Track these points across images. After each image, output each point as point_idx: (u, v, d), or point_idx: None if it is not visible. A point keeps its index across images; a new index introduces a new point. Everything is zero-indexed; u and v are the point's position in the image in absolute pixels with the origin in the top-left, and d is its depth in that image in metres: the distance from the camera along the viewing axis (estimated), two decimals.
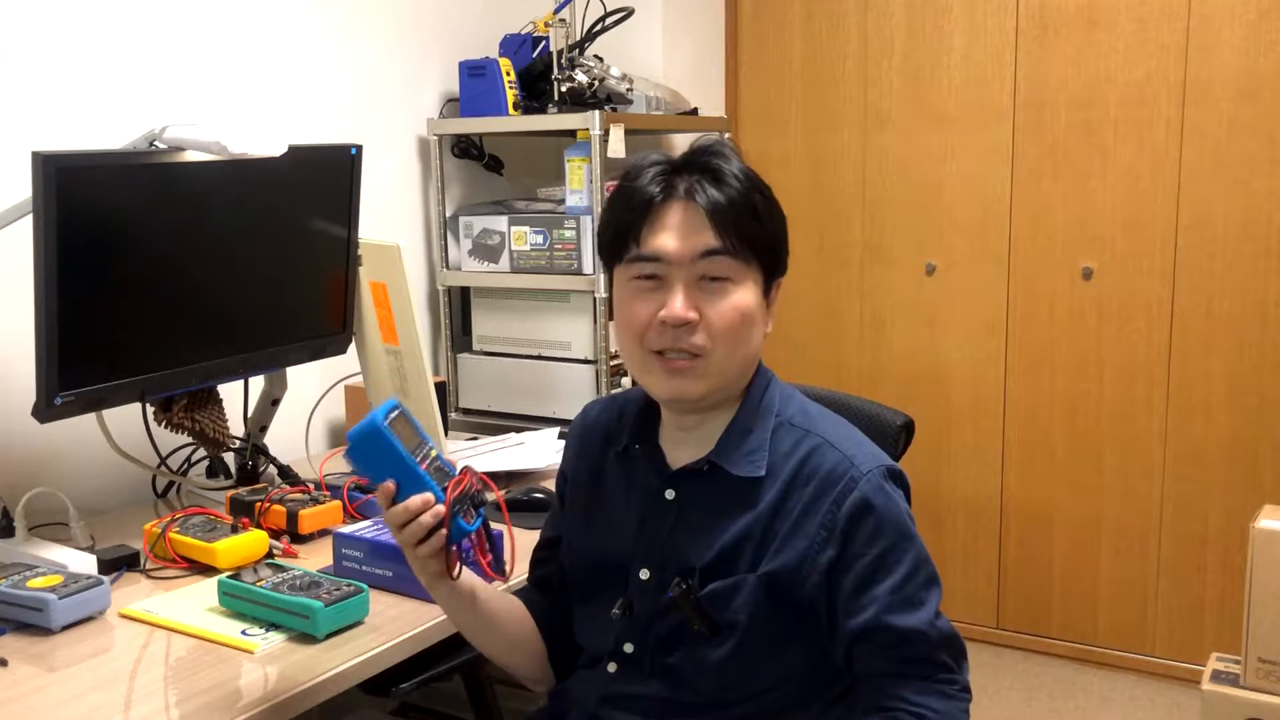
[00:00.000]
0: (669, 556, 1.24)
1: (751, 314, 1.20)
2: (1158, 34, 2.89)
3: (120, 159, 1.66)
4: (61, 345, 1.55)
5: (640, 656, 1.26)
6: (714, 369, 1.20)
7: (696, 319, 1.18)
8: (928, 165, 3.22)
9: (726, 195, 1.19)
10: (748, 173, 1.23)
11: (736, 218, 1.18)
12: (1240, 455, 2.93)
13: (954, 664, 1.19)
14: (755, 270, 1.21)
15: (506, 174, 2.91)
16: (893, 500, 1.20)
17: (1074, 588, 3.19)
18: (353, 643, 1.38)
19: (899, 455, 1.56)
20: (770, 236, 1.22)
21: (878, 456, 1.23)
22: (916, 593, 1.19)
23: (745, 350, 1.22)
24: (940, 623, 1.19)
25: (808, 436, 1.23)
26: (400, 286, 1.89)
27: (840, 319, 3.41)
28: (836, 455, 1.21)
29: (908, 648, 1.17)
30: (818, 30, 3.34)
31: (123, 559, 1.63)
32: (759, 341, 1.24)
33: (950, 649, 1.19)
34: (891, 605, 1.17)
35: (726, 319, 1.18)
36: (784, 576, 1.19)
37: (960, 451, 3.29)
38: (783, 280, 1.26)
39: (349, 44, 2.51)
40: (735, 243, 1.18)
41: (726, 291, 1.19)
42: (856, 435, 1.26)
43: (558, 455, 2.17)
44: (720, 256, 1.18)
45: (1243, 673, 2.22)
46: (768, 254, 1.22)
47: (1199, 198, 2.90)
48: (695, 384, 1.20)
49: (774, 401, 1.26)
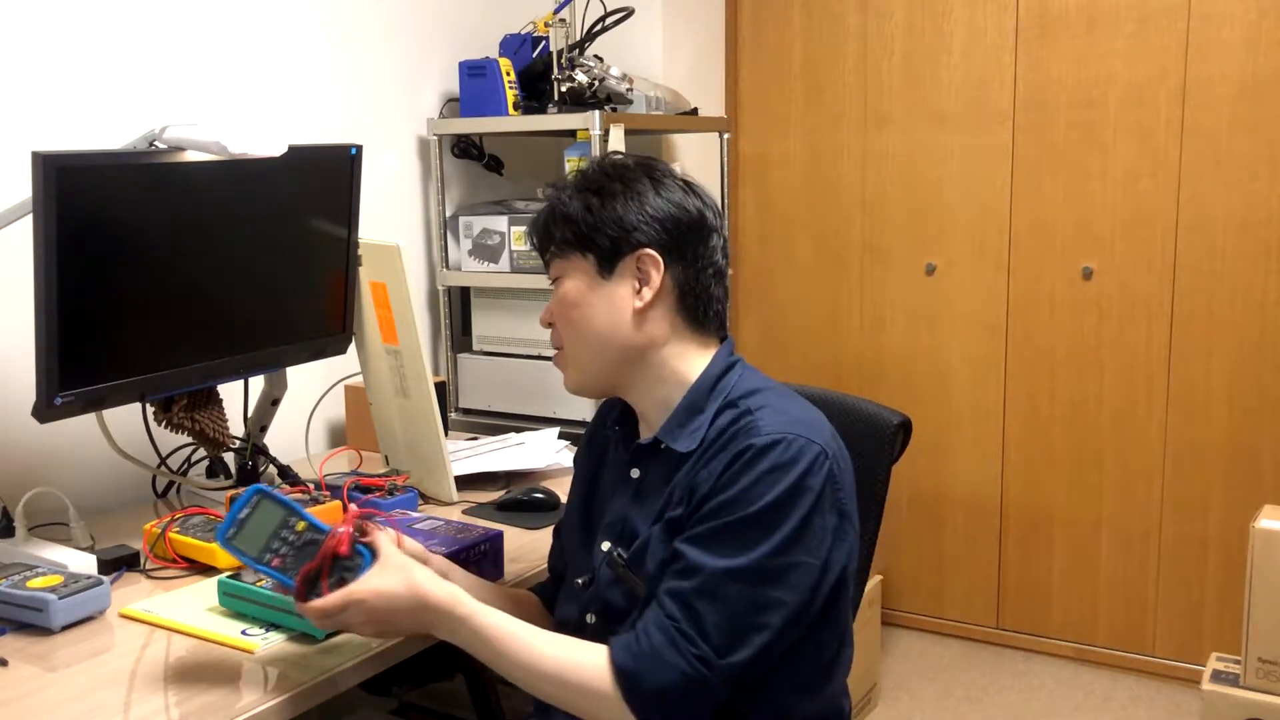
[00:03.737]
0: (627, 529, 1.30)
1: (576, 297, 1.31)
2: (1158, 34, 2.90)
3: (120, 159, 1.65)
4: (61, 345, 1.55)
5: (601, 626, 1.31)
6: (571, 358, 1.35)
7: (549, 319, 1.36)
8: (928, 165, 3.22)
9: (540, 217, 1.35)
10: (576, 180, 1.33)
11: (544, 228, 1.34)
12: (1240, 455, 2.93)
13: (711, 631, 1.15)
14: (579, 259, 1.31)
15: (506, 174, 2.91)
16: (781, 468, 1.18)
17: (1074, 588, 3.19)
18: (353, 643, 1.38)
19: (896, 455, 1.56)
20: (579, 224, 1.30)
21: (799, 430, 1.21)
22: (720, 538, 1.18)
23: (591, 331, 1.31)
24: (729, 591, 1.16)
25: (744, 412, 1.25)
26: (400, 286, 1.89)
27: (840, 319, 3.41)
28: (752, 420, 1.23)
29: (680, 578, 1.18)
30: (818, 30, 3.34)
31: (123, 559, 1.63)
32: (614, 318, 1.30)
33: (724, 618, 1.15)
34: (698, 537, 1.19)
35: (558, 310, 1.34)
36: (678, 522, 1.23)
37: (960, 451, 3.29)
38: (645, 252, 1.28)
39: (349, 44, 2.51)
40: (549, 246, 1.34)
41: (559, 287, 1.34)
42: (799, 414, 1.25)
43: (558, 455, 2.18)
44: (549, 266, 1.35)
45: (1243, 673, 2.22)
46: (583, 240, 1.30)
47: (1199, 198, 2.90)
48: (566, 374, 1.37)
49: (728, 385, 1.30)
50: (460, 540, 1.58)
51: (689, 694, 1.16)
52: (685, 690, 1.15)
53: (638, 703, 1.16)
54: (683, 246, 1.30)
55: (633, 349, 1.31)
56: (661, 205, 1.29)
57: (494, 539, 1.61)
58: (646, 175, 1.31)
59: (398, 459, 2.07)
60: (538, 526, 1.83)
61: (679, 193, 1.31)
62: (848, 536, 1.24)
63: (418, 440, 1.97)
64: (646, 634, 1.17)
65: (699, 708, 1.18)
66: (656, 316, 1.30)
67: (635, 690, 1.16)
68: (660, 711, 1.16)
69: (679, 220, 1.30)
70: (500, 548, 1.62)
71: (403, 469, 2.01)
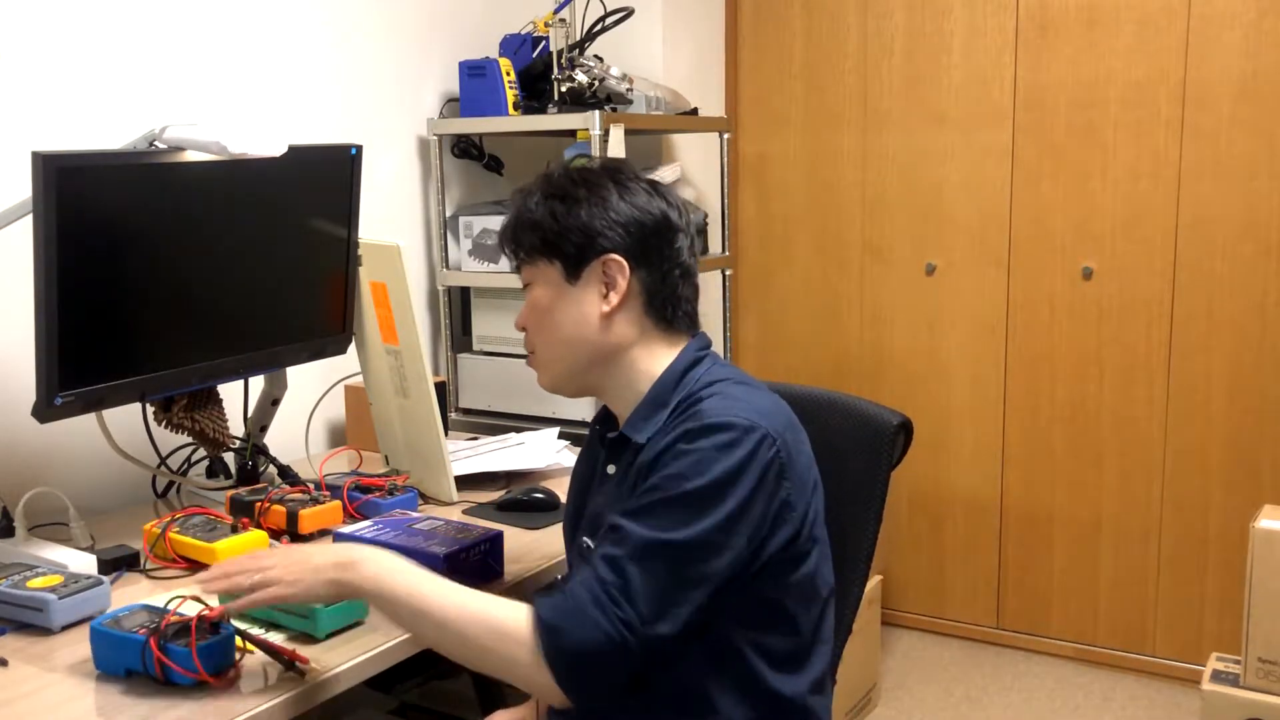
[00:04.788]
0: (600, 523, 1.30)
1: (546, 303, 1.33)
2: (1158, 34, 2.90)
3: (120, 159, 1.65)
4: (61, 345, 1.55)
5: None
6: (543, 361, 1.37)
7: (522, 324, 1.38)
8: (928, 165, 3.23)
9: (507, 223, 1.36)
10: (542, 185, 1.34)
11: (513, 235, 1.35)
12: (1240, 455, 2.93)
13: (637, 597, 1.15)
14: (546, 265, 1.33)
15: (506, 174, 2.91)
16: (724, 448, 1.19)
17: (1074, 588, 3.19)
18: (353, 643, 1.38)
19: (899, 457, 1.55)
20: (545, 231, 1.31)
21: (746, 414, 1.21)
22: (655, 511, 1.18)
23: (558, 335, 1.33)
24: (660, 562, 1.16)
25: (695, 401, 1.26)
26: (400, 286, 1.89)
27: (840, 319, 3.41)
28: (700, 407, 1.24)
29: (614, 545, 1.18)
30: (818, 30, 3.34)
31: (123, 559, 1.63)
32: (582, 323, 1.31)
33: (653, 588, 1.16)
34: (637, 509, 1.19)
35: (530, 316, 1.36)
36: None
37: (960, 451, 3.29)
38: (610, 257, 1.29)
39: (349, 44, 2.51)
40: (518, 253, 1.36)
41: (530, 293, 1.36)
42: (752, 400, 1.26)
43: (558, 455, 2.18)
44: (520, 270, 1.37)
45: (1243, 673, 2.22)
46: (549, 247, 1.32)
47: (1199, 198, 2.90)
48: (540, 377, 1.39)
49: (693, 379, 1.31)
50: (460, 540, 1.58)
51: (608, 656, 1.15)
52: (605, 651, 1.14)
53: (557, 658, 1.15)
54: (648, 249, 1.31)
55: (601, 351, 1.33)
56: (625, 209, 1.30)
57: (494, 539, 1.61)
58: (610, 179, 1.32)
59: (398, 459, 2.07)
60: (538, 526, 1.83)
61: (643, 195, 1.32)
62: (788, 522, 1.23)
63: (418, 440, 1.97)
64: (573, 593, 1.17)
65: (614, 673, 1.17)
66: (624, 319, 1.32)
67: (555, 646, 1.15)
68: (577, 672, 1.15)
69: (643, 224, 1.31)
70: (500, 548, 1.62)
71: (403, 469, 2.01)
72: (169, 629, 1.25)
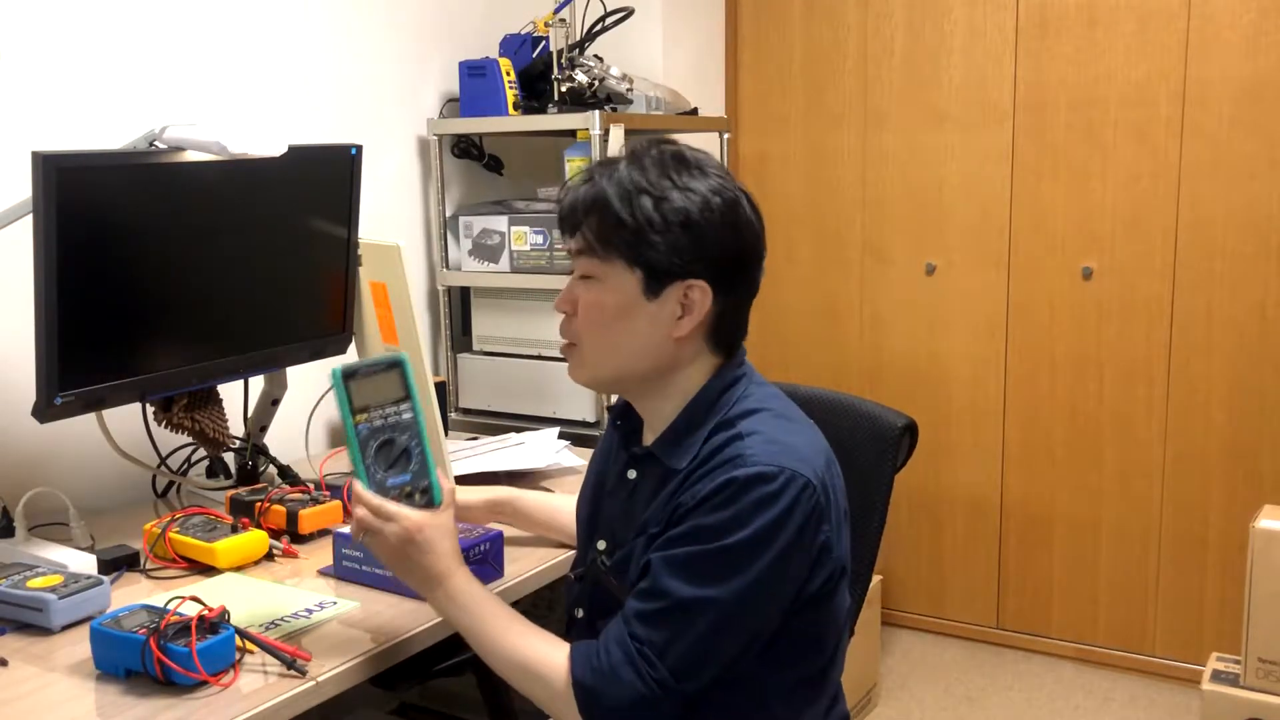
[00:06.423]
0: (619, 529, 1.31)
1: (613, 310, 1.24)
2: (1158, 34, 2.90)
3: (120, 159, 1.65)
4: (61, 345, 1.55)
5: (587, 622, 1.34)
6: (586, 359, 1.29)
7: (569, 311, 1.29)
8: (927, 165, 3.22)
9: (585, 200, 1.24)
10: (635, 173, 1.23)
11: (598, 227, 1.23)
12: (1240, 455, 2.93)
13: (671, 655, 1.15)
14: (624, 269, 1.23)
15: (506, 174, 2.91)
16: (764, 503, 1.15)
17: (1074, 588, 3.19)
18: (353, 643, 1.38)
19: (904, 459, 1.54)
20: (639, 240, 1.21)
21: (788, 462, 1.18)
22: (693, 565, 1.16)
23: (617, 343, 1.26)
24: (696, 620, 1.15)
25: (735, 436, 1.22)
26: (400, 286, 1.88)
27: (840, 319, 3.41)
28: (742, 446, 1.20)
29: (648, 599, 1.18)
30: (818, 30, 3.34)
31: (123, 559, 1.63)
32: (648, 340, 1.25)
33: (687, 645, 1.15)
34: (673, 560, 1.17)
35: (586, 314, 1.26)
36: (658, 538, 1.22)
37: (960, 451, 3.29)
38: (698, 283, 1.22)
39: (349, 44, 2.51)
40: (592, 244, 1.24)
41: (591, 288, 1.26)
42: (792, 440, 1.22)
43: (558, 455, 2.18)
44: (582, 257, 1.26)
45: (1243, 673, 2.22)
46: (635, 255, 1.22)
47: (1199, 198, 2.90)
48: (575, 371, 1.32)
49: (728, 402, 1.26)
50: (460, 540, 1.57)
51: (643, 713, 1.17)
52: (639, 709, 1.16)
53: (592, 716, 1.18)
54: (735, 281, 1.26)
55: (657, 368, 1.27)
56: (729, 240, 1.23)
57: (494, 539, 1.61)
58: (719, 196, 1.22)
59: None
60: None
61: (745, 214, 1.24)
62: (826, 565, 1.22)
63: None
64: (607, 650, 1.18)
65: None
66: (688, 340, 1.26)
67: (591, 705, 1.18)
68: None
69: (740, 258, 1.25)
70: (500, 548, 1.62)
71: None
72: (169, 629, 1.25)
